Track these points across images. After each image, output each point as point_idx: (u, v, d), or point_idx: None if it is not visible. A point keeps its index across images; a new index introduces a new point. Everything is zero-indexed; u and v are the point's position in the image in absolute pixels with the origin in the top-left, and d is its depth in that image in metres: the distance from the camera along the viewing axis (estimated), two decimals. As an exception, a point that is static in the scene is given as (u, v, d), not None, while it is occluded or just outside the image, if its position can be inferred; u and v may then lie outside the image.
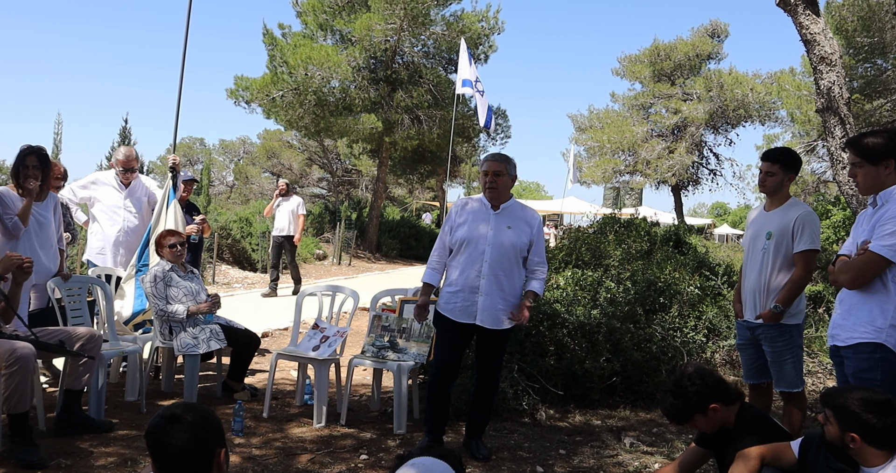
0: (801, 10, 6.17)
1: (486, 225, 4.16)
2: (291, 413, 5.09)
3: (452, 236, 4.24)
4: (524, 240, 4.19)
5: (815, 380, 6.05)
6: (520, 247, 4.17)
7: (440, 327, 4.27)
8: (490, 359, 4.28)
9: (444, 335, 4.25)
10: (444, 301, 4.22)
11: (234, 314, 6.70)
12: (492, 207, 4.22)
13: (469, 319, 4.13)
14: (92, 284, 5.30)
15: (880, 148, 3.19)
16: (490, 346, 4.24)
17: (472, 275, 4.12)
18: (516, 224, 4.20)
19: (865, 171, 3.24)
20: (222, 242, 15.90)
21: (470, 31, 21.04)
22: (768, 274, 3.98)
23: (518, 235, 4.17)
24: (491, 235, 4.13)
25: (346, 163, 36.41)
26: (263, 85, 20.39)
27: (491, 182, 4.17)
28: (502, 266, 4.12)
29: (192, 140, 50.52)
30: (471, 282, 4.11)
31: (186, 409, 1.99)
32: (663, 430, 4.88)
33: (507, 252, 4.13)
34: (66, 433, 4.29)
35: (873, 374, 3.05)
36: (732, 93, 31.16)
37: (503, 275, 4.13)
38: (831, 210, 15.08)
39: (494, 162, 4.22)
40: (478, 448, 4.25)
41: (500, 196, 4.21)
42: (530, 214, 4.32)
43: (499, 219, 4.18)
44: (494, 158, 4.26)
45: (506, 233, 4.14)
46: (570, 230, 9.77)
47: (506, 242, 4.13)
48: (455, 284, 4.17)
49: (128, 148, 6.20)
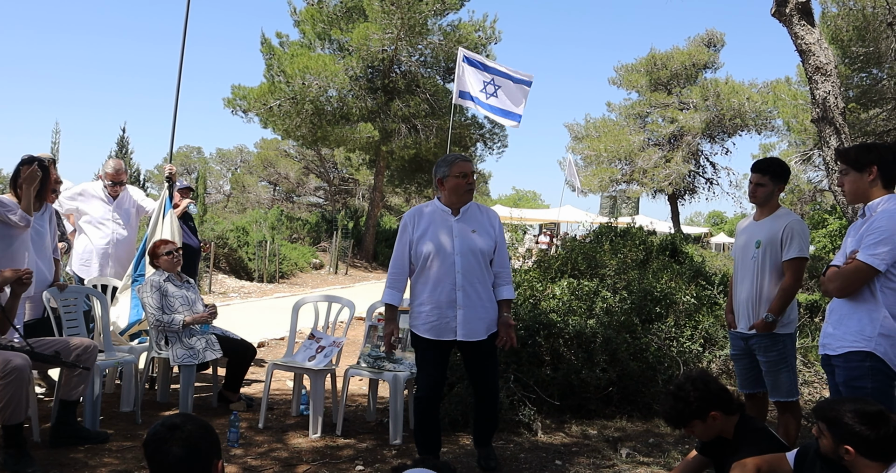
0: (797, 20, 6.21)
1: (448, 233, 3.96)
2: (287, 424, 5.08)
3: (414, 250, 4.01)
4: (490, 243, 4.01)
5: (811, 390, 6.05)
6: (487, 251, 3.99)
7: (419, 348, 4.05)
8: (484, 370, 4.09)
9: (426, 356, 4.02)
10: (419, 322, 4.00)
11: (231, 323, 6.70)
12: (452, 212, 4.02)
13: (449, 335, 3.94)
14: (88, 294, 5.30)
15: (864, 155, 3.28)
16: (479, 358, 4.05)
17: (446, 289, 3.91)
18: (480, 227, 4.02)
19: (851, 178, 3.32)
20: (219, 251, 15.90)
21: (467, 41, 21.11)
22: (759, 284, 4.01)
23: (483, 239, 3.99)
24: (457, 243, 3.93)
25: (343, 172, 36.47)
26: (261, 94, 20.45)
27: (469, 184, 3.99)
28: (475, 274, 3.94)
29: (190, 149, 50.50)
30: (446, 296, 3.91)
31: (185, 419, 2.01)
32: (660, 440, 4.88)
33: (477, 259, 3.95)
34: (61, 444, 4.27)
35: (863, 382, 3.10)
36: (729, 102, 31.29)
37: (478, 283, 3.95)
38: (828, 219, 15.16)
39: (468, 163, 4.03)
40: (486, 458, 4.14)
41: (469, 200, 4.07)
42: (492, 215, 4.13)
43: (461, 224, 3.99)
44: (465, 159, 4.06)
45: (472, 238, 3.96)
46: (565, 239, 9.78)
47: (474, 248, 3.94)
48: (428, 301, 3.96)
49: (116, 161, 6.18)
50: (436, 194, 4.18)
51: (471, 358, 4.09)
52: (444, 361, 4.07)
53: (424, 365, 4.04)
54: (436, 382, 4.04)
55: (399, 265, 4.06)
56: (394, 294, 4.05)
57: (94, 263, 5.97)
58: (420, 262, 3.98)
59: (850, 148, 3.41)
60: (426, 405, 4.04)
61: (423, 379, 4.05)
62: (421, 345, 4.03)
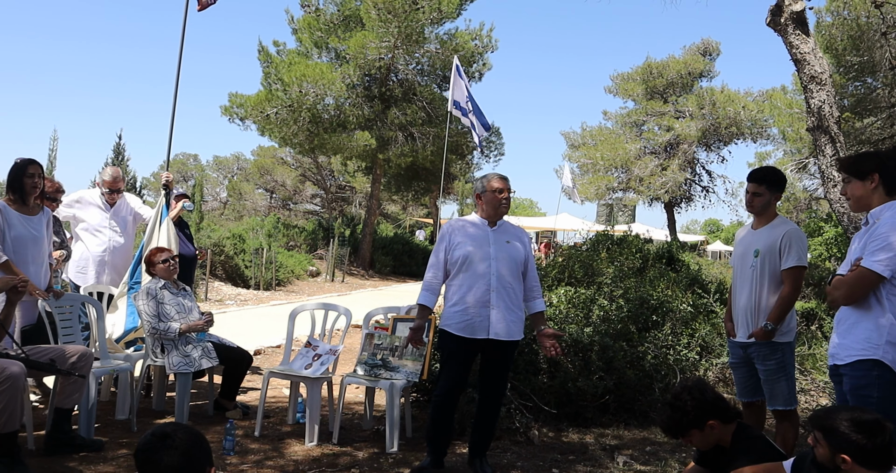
0: (792, 29, 6.24)
1: (485, 241, 4.27)
2: (284, 432, 5.07)
3: (451, 255, 4.28)
4: (522, 255, 4.32)
5: (808, 398, 6.04)
6: (520, 261, 4.29)
7: (448, 348, 4.27)
8: (497, 376, 4.28)
9: (454, 356, 4.25)
10: (453, 321, 4.22)
11: (227, 331, 6.69)
12: (489, 223, 4.34)
13: (482, 334, 4.16)
14: (84, 301, 5.28)
15: (865, 163, 3.29)
16: (498, 361, 4.26)
17: (480, 290, 4.17)
18: (514, 239, 4.35)
19: (853, 186, 3.31)
20: (215, 258, 15.87)
21: (464, 50, 21.19)
22: (758, 293, 4.02)
23: (519, 249, 4.32)
24: (494, 250, 4.24)
25: (340, 180, 36.51)
26: (258, 102, 20.46)
27: (505, 199, 4.32)
28: (509, 279, 4.22)
29: (186, 156, 50.55)
30: (480, 297, 4.16)
31: (176, 428, 2.00)
32: (657, 449, 4.87)
33: (511, 265, 4.24)
34: (56, 452, 4.25)
35: (869, 391, 3.07)
36: (724, 110, 31.39)
37: (511, 287, 4.22)
38: (823, 227, 15.17)
39: (506, 181, 4.37)
40: (482, 466, 4.25)
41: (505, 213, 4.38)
42: (521, 231, 4.49)
43: (497, 235, 4.31)
44: (504, 177, 4.39)
45: (507, 247, 4.27)
46: (559, 248, 9.77)
47: (511, 256, 4.25)
48: (462, 302, 4.20)
49: (114, 169, 6.18)
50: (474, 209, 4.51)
51: (490, 361, 4.27)
52: (468, 363, 4.30)
53: (449, 365, 4.26)
54: (458, 382, 4.26)
55: (435, 270, 4.33)
56: (429, 297, 4.32)
57: (90, 270, 5.95)
58: (457, 266, 4.25)
59: (850, 157, 3.41)
60: (443, 402, 4.27)
61: (447, 378, 4.26)
62: (450, 345, 4.24)
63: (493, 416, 4.32)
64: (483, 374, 4.34)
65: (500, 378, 4.31)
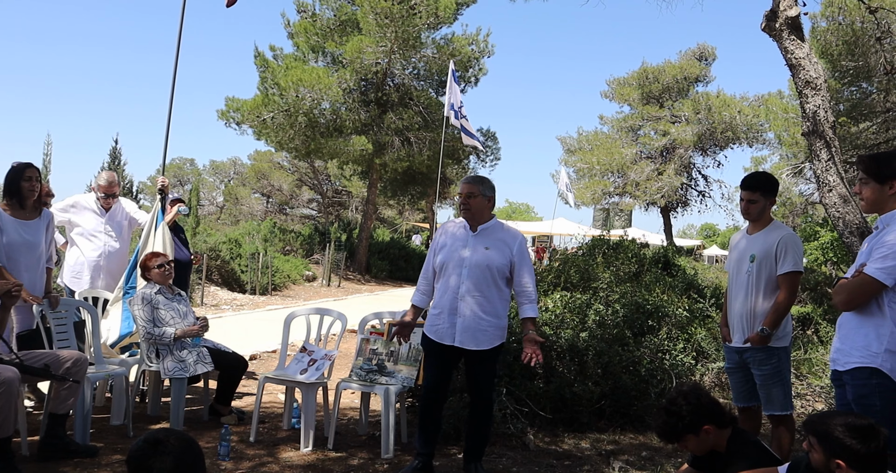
0: (787, 35, 6.26)
1: (464, 247, 4.23)
2: (279, 437, 5.05)
3: (436, 259, 4.31)
4: (503, 261, 4.18)
5: (804, 403, 6.04)
6: (498, 267, 4.16)
7: (427, 349, 4.34)
8: (479, 381, 4.24)
9: (430, 358, 4.31)
10: (428, 323, 4.29)
11: (222, 336, 6.67)
12: (470, 228, 4.28)
13: (448, 340, 4.17)
14: (79, 306, 5.27)
15: (887, 167, 3.19)
16: (476, 367, 4.22)
17: (451, 297, 4.17)
18: (495, 245, 4.21)
19: (871, 188, 3.23)
20: (211, 263, 15.85)
21: (460, 54, 21.22)
22: (754, 298, 4.01)
23: (497, 255, 4.18)
24: (468, 256, 4.18)
25: (337, 184, 36.50)
26: (254, 106, 20.46)
27: (464, 203, 4.24)
28: (480, 288, 4.14)
29: (183, 161, 50.49)
30: (450, 304, 4.17)
31: (168, 434, 2.00)
32: (653, 453, 4.86)
33: (484, 273, 4.14)
34: (50, 457, 4.23)
35: (872, 400, 3.05)
36: (720, 115, 31.49)
37: (481, 296, 4.14)
38: (819, 232, 15.19)
39: (466, 184, 4.29)
40: (477, 471, 4.24)
41: (474, 217, 4.26)
42: (510, 234, 4.32)
43: (476, 240, 4.24)
44: (467, 180, 4.33)
45: (483, 254, 4.17)
46: (555, 253, 9.77)
47: (482, 262, 4.15)
48: (437, 306, 4.24)
49: (109, 173, 6.14)
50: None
51: (469, 366, 4.29)
52: (447, 366, 4.31)
53: (429, 367, 4.35)
54: (436, 383, 4.30)
55: (426, 272, 4.41)
56: (420, 297, 4.40)
57: (85, 275, 5.93)
58: (438, 270, 4.30)
59: (874, 157, 3.27)
60: (424, 404, 4.32)
61: (426, 380, 4.37)
62: (428, 347, 4.32)
63: (484, 421, 4.29)
64: (467, 379, 4.37)
65: (483, 384, 4.26)
